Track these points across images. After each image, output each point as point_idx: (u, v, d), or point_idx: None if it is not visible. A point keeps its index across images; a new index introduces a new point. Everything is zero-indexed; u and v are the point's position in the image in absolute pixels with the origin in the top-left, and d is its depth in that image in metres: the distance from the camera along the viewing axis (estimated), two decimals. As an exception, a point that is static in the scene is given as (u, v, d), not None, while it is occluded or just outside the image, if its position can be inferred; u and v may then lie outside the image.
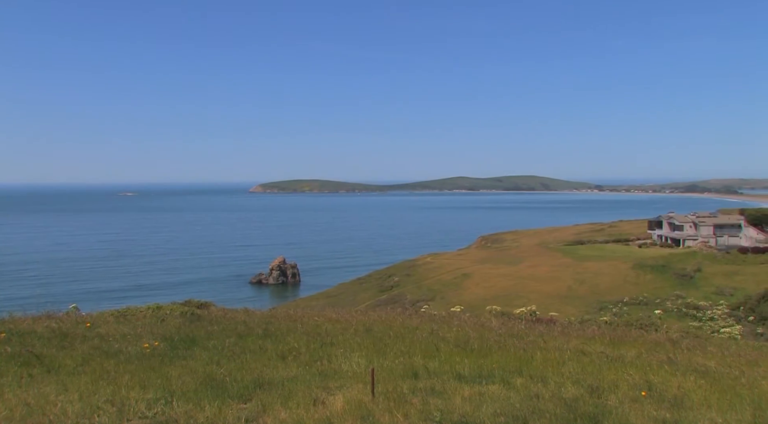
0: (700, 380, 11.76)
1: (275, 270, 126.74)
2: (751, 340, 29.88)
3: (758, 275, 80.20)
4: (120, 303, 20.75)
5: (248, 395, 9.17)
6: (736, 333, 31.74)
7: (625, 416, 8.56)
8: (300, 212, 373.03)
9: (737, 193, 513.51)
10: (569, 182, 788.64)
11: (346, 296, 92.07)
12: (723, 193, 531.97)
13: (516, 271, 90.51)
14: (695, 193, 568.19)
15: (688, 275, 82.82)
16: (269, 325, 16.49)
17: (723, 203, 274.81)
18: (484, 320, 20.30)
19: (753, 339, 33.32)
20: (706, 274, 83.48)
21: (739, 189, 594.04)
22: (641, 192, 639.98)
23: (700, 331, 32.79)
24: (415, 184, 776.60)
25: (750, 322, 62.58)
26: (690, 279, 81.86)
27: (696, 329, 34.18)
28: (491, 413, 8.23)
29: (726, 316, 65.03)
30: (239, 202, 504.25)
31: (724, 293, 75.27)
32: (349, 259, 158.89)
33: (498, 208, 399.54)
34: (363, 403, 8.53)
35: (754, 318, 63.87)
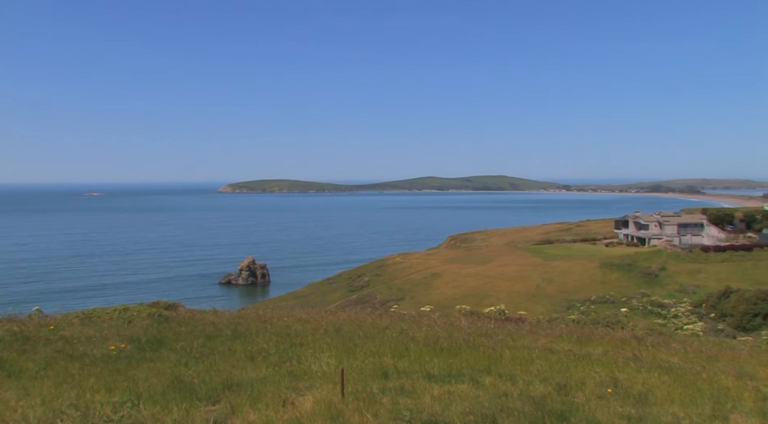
0: (663, 376, 11.99)
1: (244, 270, 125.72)
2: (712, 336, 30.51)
3: (719, 273, 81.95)
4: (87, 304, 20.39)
5: (217, 397, 9.08)
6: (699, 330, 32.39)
7: (591, 412, 8.67)
8: (269, 212, 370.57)
9: (700, 193, 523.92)
10: (538, 182, 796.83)
11: (315, 296, 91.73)
12: (686, 193, 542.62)
13: (485, 270, 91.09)
14: (660, 193, 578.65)
15: (653, 273, 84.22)
16: (238, 326, 16.36)
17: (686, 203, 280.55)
18: (453, 319, 20.40)
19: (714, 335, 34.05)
20: (670, 272, 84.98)
21: (702, 189, 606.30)
22: (608, 192, 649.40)
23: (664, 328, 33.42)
24: (384, 184, 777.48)
25: (711, 318, 63.93)
26: (655, 277, 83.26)
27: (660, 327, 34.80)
28: (460, 411, 8.27)
29: (689, 313, 66.31)
30: (208, 202, 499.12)
31: (687, 291, 76.73)
32: (319, 259, 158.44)
33: (467, 208, 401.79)
34: (333, 403, 8.51)
35: (715, 315, 65.29)
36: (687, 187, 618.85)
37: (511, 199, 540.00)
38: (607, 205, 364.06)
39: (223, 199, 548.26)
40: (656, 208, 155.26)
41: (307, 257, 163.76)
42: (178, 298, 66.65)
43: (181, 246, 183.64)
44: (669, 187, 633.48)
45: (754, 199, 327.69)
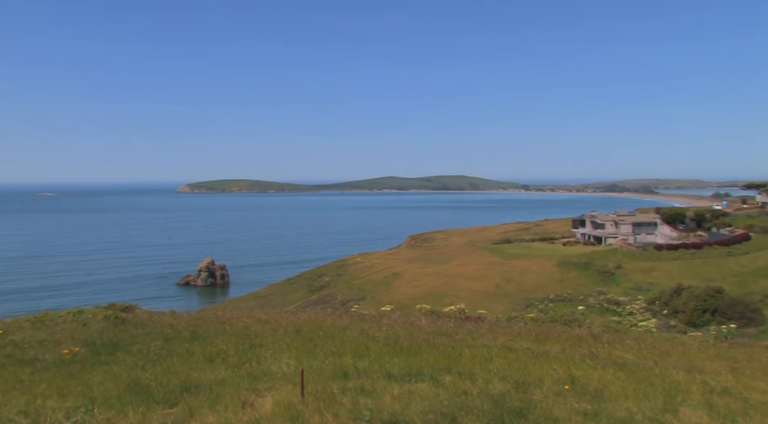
0: (618, 372, 12.26)
1: (203, 271, 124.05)
2: (664, 332, 31.34)
3: (672, 271, 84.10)
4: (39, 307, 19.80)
5: (175, 400, 8.95)
6: (652, 326, 33.14)
7: (549, 409, 8.81)
8: (229, 212, 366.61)
9: (653, 193, 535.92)
10: (497, 182, 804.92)
11: (276, 297, 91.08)
12: (641, 192, 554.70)
13: (445, 270, 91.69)
14: (615, 192, 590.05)
15: (609, 271, 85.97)
16: (197, 327, 16.17)
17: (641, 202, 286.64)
18: (413, 318, 20.48)
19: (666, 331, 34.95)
20: (626, 270, 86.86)
21: (655, 189, 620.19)
22: (565, 192, 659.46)
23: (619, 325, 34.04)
24: (345, 184, 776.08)
25: (664, 315, 65.58)
26: (611, 276, 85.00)
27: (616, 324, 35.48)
28: (420, 411, 8.31)
29: (643, 310, 67.88)
30: (166, 202, 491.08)
31: (642, 289, 78.53)
32: (279, 259, 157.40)
33: (427, 208, 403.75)
34: (293, 404, 8.47)
35: (668, 312, 67.00)
36: (641, 187, 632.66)
37: (471, 199, 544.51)
38: (564, 205, 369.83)
39: (181, 200, 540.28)
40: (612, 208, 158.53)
41: (267, 257, 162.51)
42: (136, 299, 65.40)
43: (139, 247, 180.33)
44: (624, 187, 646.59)
45: (704, 199, 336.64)
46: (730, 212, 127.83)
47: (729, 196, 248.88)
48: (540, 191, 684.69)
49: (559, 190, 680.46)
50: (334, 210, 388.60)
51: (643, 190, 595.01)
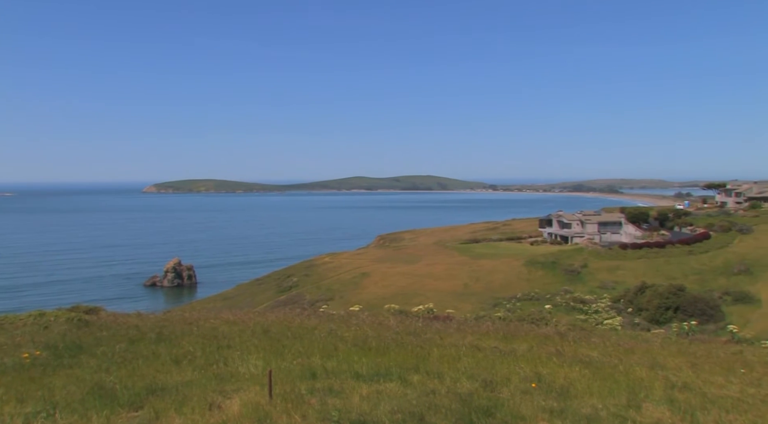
0: (584, 369, 12.45)
1: (170, 272, 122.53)
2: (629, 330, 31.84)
3: (636, 270, 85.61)
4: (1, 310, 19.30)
5: (140, 403, 8.83)
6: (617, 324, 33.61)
7: (516, 407, 8.90)
8: (196, 212, 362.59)
9: (618, 193, 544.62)
10: (465, 182, 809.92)
11: (244, 298, 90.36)
12: (606, 192, 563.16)
13: (414, 269, 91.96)
14: (582, 192, 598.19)
15: (575, 270, 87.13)
16: (163, 329, 15.95)
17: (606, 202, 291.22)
18: (382, 318, 20.50)
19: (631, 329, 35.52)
20: (592, 269, 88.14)
21: (620, 188, 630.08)
22: (532, 191, 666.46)
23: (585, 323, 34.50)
24: (313, 184, 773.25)
25: (629, 313, 66.70)
26: (577, 274, 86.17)
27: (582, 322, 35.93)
28: (389, 410, 8.33)
29: (608, 308, 68.81)
30: (131, 202, 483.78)
31: (607, 287, 79.76)
32: (247, 260, 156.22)
33: (396, 208, 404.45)
34: (260, 405, 8.42)
35: (632, 309, 68.19)
36: (607, 187, 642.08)
37: (439, 199, 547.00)
38: (531, 205, 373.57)
39: (147, 200, 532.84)
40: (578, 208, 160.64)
41: (235, 257, 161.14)
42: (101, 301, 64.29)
43: (104, 248, 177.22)
44: (590, 187, 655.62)
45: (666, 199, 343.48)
46: (692, 211, 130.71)
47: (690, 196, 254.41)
48: (507, 191, 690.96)
49: (526, 190, 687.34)
50: (302, 210, 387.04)
51: (608, 190, 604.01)
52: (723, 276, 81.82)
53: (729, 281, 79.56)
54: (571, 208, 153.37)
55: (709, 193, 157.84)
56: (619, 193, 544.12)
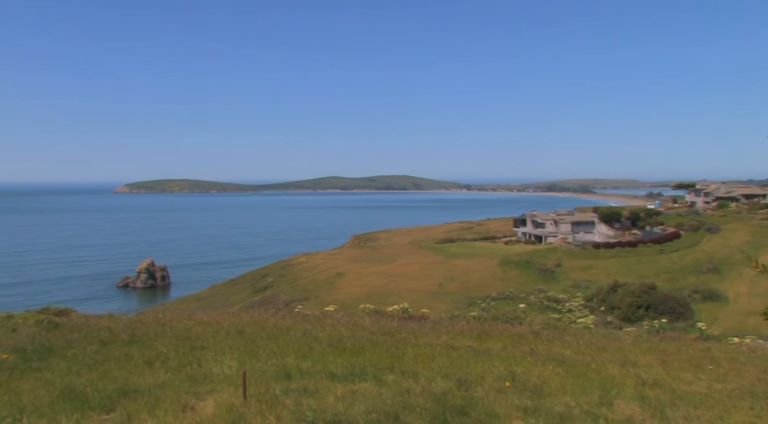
0: (557, 368, 12.57)
1: (143, 273, 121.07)
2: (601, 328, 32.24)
3: (609, 269, 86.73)
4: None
5: (111, 405, 8.71)
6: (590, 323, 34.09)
7: (491, 406, 8.96)
8: (169, 212, 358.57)
9: (591, 193, 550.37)
10: (440, 182, 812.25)
11: (218, 298, 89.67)
12: (579, 192, 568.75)
13: (389, 269, 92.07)
14: (555, 192, 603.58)
15: (549, 269, 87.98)
16: (136, 330, 15.77)
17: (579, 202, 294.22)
18: (357, 318, 20.49)
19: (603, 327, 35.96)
20: (565, 268, 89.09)
21: (593, 188, 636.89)
22: (507, 191, 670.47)
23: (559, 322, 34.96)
24: (288, 184, 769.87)
25: (601, 311, 67.54)
26: (551, 274, 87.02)
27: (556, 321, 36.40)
28: (363, 410, 8.33)
29: (582, 307, 69.73)
30: (103, 202, 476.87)
31: (581, 286, 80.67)
32: (221, 260, 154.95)
33: (371, 208, 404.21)
34: (234, 406, 8.37)
35: (605, 308, 69.06)
36: (580, 187, 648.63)
37: (414, 199, 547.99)
38: (506, 205, 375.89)
39: (120, 200, 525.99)
40: (552, 207, 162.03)
41: (209, 258, 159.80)
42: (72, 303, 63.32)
43: (75, 248, 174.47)
44: (564, 187, 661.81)
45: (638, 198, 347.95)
46: (663, 211, 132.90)
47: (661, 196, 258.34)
48: (482, 191, 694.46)
49: (500, 190, 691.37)
50: (277, 210, 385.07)
51: (581, 189, 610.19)
52: (692, 275, 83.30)
53: (698, 280, 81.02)
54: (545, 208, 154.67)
55: (680, 193, 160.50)
56: (592, 193, 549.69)
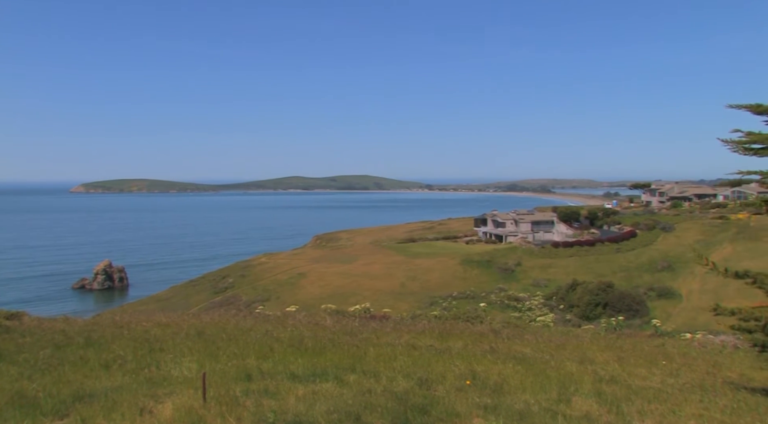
0: (517, 366, 12.76)
1: (100, 274, 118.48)
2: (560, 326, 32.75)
3: (568, 267, 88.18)
4: None
5: (65, 411, 8.52)
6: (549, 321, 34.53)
7: (451, 404, 9.03)
8: (127, 212, 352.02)
9: (551, 192, 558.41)
10: (401, 182, 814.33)
11: (178, 300, 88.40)
12: (539, 192, 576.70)
13: (351, 269, 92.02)
14: (515, 192, 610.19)
15: (509, 269, 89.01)
16: (92, 333, 15.45)
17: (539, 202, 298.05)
18: (318, 318, 20.46)
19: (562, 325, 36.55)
20: (525, 267, 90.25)
21: (552, 188, 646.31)
22: (468, 191, 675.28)
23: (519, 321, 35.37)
24: (249, 184, 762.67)
25: (561, 310, 68.64)
26: (511, 273, 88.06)
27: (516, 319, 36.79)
28: (325, 411, 8.31)
29: (541, 305, 70.68)
30: (58, 202, 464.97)
31: (540, 285, 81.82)
32: (181, 261, 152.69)
33: (332, 208, 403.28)
34: (194, 409, 8.27)
35: (564, 306, 70.21)
36: (540, 187, 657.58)
37: (376, 199, 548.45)
38: (467, 204, 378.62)
39: (75, 200, 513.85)
40: (512, 207, 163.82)
41: (169, 259, 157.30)
42: (24, 306, 61.77)
43: (28, 250, 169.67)
44: (524, 187, 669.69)
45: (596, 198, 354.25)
46: (619, 210, 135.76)
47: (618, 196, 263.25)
48: (443, 191, 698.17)
49: (461, 190, 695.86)
50: (238, 210, 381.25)
51: (541, 189, 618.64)
52: (648, 273, 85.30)
53: (653, 277, 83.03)
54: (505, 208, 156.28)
55: (635, 193, 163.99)
56: (551, 192, 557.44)
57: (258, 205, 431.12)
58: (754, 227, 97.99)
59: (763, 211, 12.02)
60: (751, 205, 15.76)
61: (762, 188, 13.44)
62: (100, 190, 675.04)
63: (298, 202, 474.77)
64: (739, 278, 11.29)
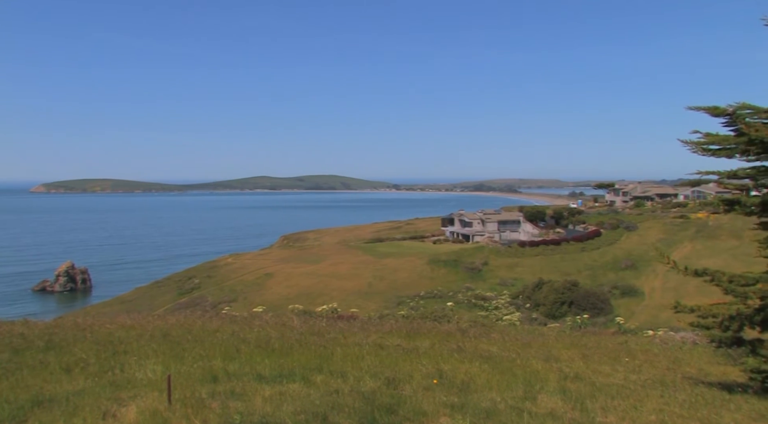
0: (484, 364, 12.87)
1: (62, 276, 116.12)
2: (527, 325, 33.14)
3: (534, 266, 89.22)
4: None
5: (23, 416, 8.30)
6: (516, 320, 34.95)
7: (418, 403, 9.06)
8: (90, 213, 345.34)
9: (517, 192, 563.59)
10: (369, 182, 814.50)
11: (143, 301, 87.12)
12: (505, 191, 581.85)
13: (318, 269, 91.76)
14: (482, 191, 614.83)
15: (476, 268, 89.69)
16: (53, 336, 15.11)
17: (506, 201, 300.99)
18: (285, 319, 20.36)
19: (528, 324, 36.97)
20: (492, 267, 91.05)
21: (519, 188, 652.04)
22: (435, 191, 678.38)
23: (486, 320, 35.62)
24: (215, 184, 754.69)
25: (527, 308, 69.37)
26: (478, 272, 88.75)
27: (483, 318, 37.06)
28: (292, 411, 8.27)
29: (508, 304, 71.35)
30: (17, 202, 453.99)
31: (507, 284, 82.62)
32: (146, 262, 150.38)
33: (300, 208, 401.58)
34: (158, 411, 8.16)
35: (530, 305, 71.01)
36: (506, 187, 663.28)
37: (343, 199, 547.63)
38: (434, 204, 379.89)
39: (36, 200, 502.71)
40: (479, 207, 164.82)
41: (133, 260, 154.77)
42: (-18, 309, 60.22)
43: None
44: (490, 187, 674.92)
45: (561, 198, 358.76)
46: (584, 210, 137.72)
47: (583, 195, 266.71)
48: (411, 191, 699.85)
49: (429, 190, 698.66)
50: (204, 210, 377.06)
51: (507, 189, 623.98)
52: (612, 271, 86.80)
53: (617, 276, 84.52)
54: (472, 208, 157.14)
55: (600, 193, 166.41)
56: (517, 192, 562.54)
57: (224, 206, 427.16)
58: (713, 226, 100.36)
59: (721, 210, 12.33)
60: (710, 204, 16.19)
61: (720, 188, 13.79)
62: (62, 190, 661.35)
63: (265, 203, 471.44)
64: (698, 276, 11.56)
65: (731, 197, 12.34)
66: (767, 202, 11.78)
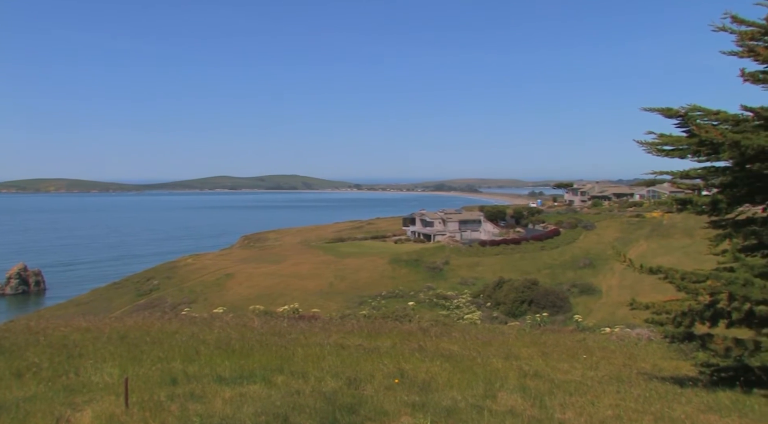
0: (445, 363, 12.96)
1: (14, 278, 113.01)
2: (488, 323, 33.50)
3: (494, 265, 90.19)
4: None
5: (-32, 425, 8.06)
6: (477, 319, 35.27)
7: (380, 403, 9.08)
8: (43, 213, 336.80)
9: (478, 192, 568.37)
10: (330, 181, 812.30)
11: (99, 303, 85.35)
12: (466, 191, 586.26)
13: (279, 269, 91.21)
14: (443, 191, 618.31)
15: (437, 267, 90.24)
16: (2, 340, 14.69)
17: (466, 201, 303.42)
18: (246, 320, 20.22)
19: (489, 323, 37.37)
20: (453, 266, 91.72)
21: (479, 188, 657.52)
22: (396, 191, 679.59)
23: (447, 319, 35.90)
24: (174, 184, 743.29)
25: (488, 307, 70.11)
26: (439, 271, 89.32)
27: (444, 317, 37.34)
28: (252, 412, 8.21)
29: (469, 303, 71.99)
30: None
31: (468, 283, 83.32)
32: (103, 263, 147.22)
33: (260, 208, 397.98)
34: (115, 415, 8.02)
35: (491, 304, 71.78)
36: (467, 187, 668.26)
37: (305, 199, 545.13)
38: (395, 204, 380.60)
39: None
40: (440, 206, 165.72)
41: (89, 261, 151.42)
42: (-71, 312, 58.25)
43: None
44: (451, 187, 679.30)
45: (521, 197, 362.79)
46: (544, 209, 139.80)
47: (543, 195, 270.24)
48: (372, 190, 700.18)
49: (390, 190, 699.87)
50: (163, 210, 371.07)
51: (468, 189, 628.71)
52: (571, 270, 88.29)
53: (576, 274, 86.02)
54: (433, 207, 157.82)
55: (559, 192, 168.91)
56: (478, 192, 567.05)
57: (184, 206, 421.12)
58: (667, 225, 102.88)
59: (674, 209, 12.67)
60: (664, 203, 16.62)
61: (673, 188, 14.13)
62: (13, 190, 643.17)
63: (226, 202, 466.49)
64: (652, 273, 11.83)
65: (684, 197, 12.70)
66: (717, 202, 12.14)
